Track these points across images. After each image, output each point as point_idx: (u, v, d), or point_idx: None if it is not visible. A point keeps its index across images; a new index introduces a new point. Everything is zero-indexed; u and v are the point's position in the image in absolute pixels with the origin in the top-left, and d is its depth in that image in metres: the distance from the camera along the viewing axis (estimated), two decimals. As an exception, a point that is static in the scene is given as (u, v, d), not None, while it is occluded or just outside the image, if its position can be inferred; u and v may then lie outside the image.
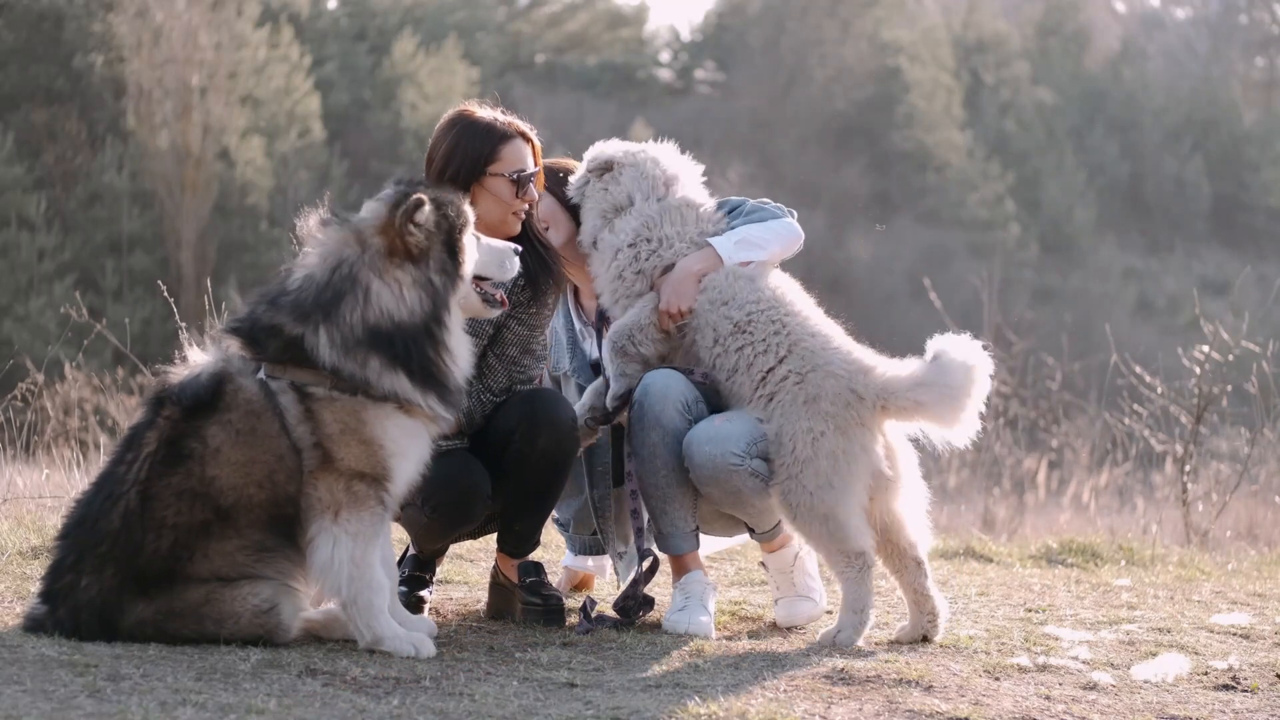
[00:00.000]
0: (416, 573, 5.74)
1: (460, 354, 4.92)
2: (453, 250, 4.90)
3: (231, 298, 13.39)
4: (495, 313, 5.18)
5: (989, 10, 52.90)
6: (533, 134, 5.66)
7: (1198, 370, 10.72)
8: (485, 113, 5.61)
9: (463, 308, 4.99)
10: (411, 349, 4.77)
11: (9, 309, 30.41)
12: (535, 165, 5.62)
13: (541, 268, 5.60)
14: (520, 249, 5.28)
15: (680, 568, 5.59)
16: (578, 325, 6.02)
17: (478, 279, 5.05)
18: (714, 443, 5.34)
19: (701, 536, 5.70)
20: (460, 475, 5.40)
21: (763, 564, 5.85)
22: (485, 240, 5.11)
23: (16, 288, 30.77)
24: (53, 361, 12.44)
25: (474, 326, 5.34)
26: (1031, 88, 49.47)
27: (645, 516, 5.61)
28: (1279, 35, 57.10)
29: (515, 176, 5.52)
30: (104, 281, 32.68)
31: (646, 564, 5.58)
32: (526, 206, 5.60)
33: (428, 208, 4.83)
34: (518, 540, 5.68)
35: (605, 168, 5.73)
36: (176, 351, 4.96)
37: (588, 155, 5.83)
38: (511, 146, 5.55)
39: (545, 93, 42.75)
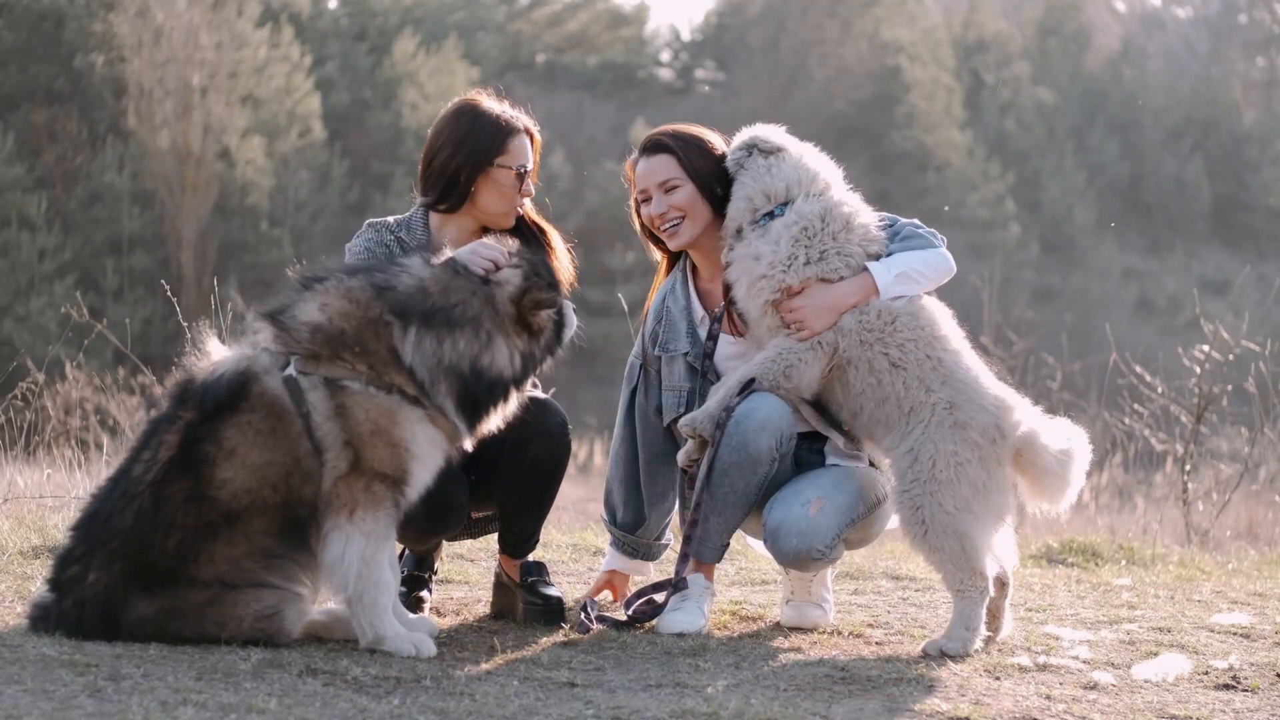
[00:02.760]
0: (415, 572, 5.74)
1: (513, 407, 5.12)
2: (559, 330, 5.13)
3: (233, 298, 13.38)
4: None
5: (989, 10, 52.92)
6: (535, 130, 5.71)
7: (1198, 370, 10.73)
8: (492, 105, 5.66)
9: None
10: (490, 397, 4.97)
11: (9, 309, 30.44)
12: (534, 161, 5.68)
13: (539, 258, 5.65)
14: (522, 251, 5.32)
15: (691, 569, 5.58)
16: (698, 310, 5.74)
17: None
18: (802, 537, 5.34)
19: (750, 540, 5.85)
20: (439, 488, 5.29)
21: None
22: None
23: (17, 288, 30.80)
24: (53, 361, 12.43)
25: None
26: (1031, 88, 49.49)
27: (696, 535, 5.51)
28: (1279, 35, 57.10)
29: (520, 169, 5.58)
30: (104, 281, 32.71)
31: (678, 584, 5.52)
32: (524, 201, 5.66)
33: (550, 310, 5.05)
34: (519, 541, 5.69)
35: (771, 150, 5.53)
36: (193, 345, 4.94)
37: (747, 133, 5.60)
38: (518, 140, 5.61)
39: (545, 93, 42.74)
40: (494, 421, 5.06)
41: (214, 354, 4.90)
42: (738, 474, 5.37)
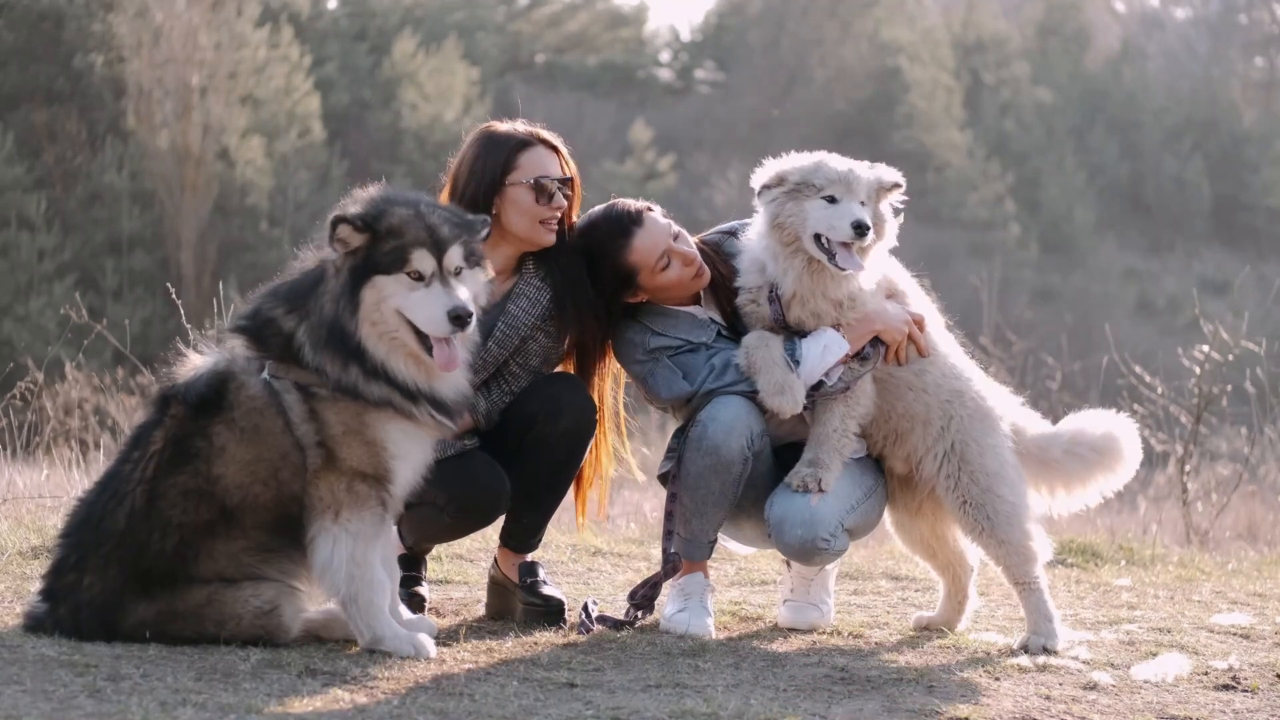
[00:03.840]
0: (409, 572, 5.72)
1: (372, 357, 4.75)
2: (356, 273, 4.74)
3: (233, 298, 13.36)
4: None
5: (989, 10, 52.87)
6: (558, 141, 5.59)
7: (1198, 370, 10.72)
8: (505, 126, 5.58)
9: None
10: (333, 339, 4.69)
11: (9, 309, 30.41)
12: (563, 172, 5.54)
13: (569, 288, 5.55)
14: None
15: (684, 569, 5.60)
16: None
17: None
18: (806, 526, 5.39)
19: (734, 544, 5.90)
20: (484, 476, 5.43)
21: (787, 563, 5.82)
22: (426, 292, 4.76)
23: (16, 288, 30.76)
24: (53, 361, 12.43)
25: (501, 337, 5.45)
26: (1031, 88, 49.45)
27: (676, 523, 5.56)
28: (1279, 35, 57.09)
29: (532, 182, 5.46)
30: (104, 281, 32.66)
31: (670, 565, 5.57)
32: (557, 215, 5.52)
33: (346, 225, 4.72)
34: (524, 533, 5.67)
35: None
36: (174, 351, 4.96)
37: None
38: (530, 154, 5.50)
39: (545, 93, 42.70)
40: (402, 374, 4.74)
41: (192, 360, 4.90)
42: (713, 477, 5.42)
